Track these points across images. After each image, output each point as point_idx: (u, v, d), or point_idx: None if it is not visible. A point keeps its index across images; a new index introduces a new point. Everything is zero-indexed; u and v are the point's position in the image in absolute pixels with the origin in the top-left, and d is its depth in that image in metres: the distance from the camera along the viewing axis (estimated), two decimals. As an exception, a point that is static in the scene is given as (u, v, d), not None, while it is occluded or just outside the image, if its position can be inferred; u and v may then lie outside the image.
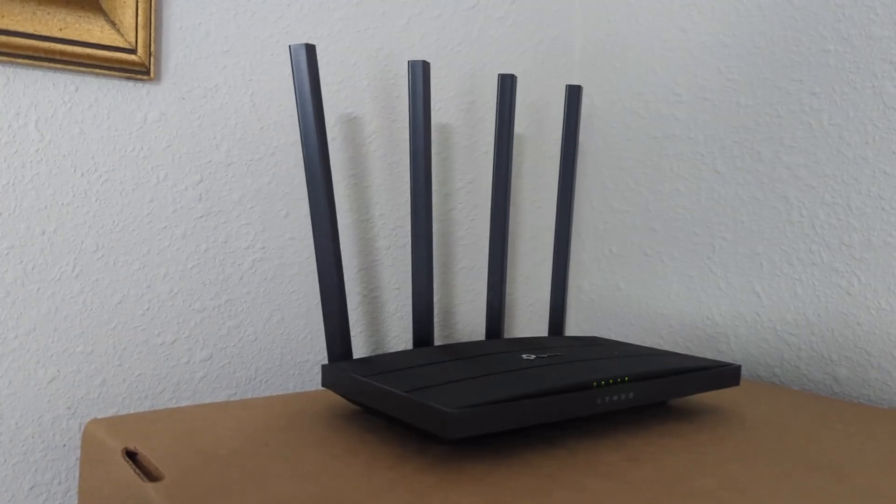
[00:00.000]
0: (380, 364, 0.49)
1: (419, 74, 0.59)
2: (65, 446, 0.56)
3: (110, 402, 0.58)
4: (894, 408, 0.58)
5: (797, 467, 0.41)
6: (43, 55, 0.52)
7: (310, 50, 0.51)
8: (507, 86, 0.64)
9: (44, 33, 0.52)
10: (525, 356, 0.51)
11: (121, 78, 0.57)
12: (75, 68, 0.54)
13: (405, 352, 0.53)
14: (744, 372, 0.68)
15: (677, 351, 0.74)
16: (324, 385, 0.50)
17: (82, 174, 0.56)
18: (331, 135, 0.67)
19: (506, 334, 0.82)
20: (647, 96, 0.76)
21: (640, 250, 0.77)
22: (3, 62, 0.52)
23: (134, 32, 0.55)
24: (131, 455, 0.42)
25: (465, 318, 0.78)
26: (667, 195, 0.74)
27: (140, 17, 0.55)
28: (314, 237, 0.52)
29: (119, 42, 0.55)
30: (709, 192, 0.71)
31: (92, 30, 0.54)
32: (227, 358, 0.63)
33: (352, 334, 0.70)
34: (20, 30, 0.51)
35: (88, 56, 0.54)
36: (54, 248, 0.55)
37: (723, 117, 0.69)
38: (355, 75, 0.68)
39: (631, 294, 0.78)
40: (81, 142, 0.55)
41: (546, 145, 0.83)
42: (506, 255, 0.65)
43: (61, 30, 0.52)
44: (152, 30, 0.56)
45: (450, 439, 0.41)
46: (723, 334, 0.70)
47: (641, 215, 0.77)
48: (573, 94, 0.68)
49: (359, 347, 0.71)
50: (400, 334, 0.73)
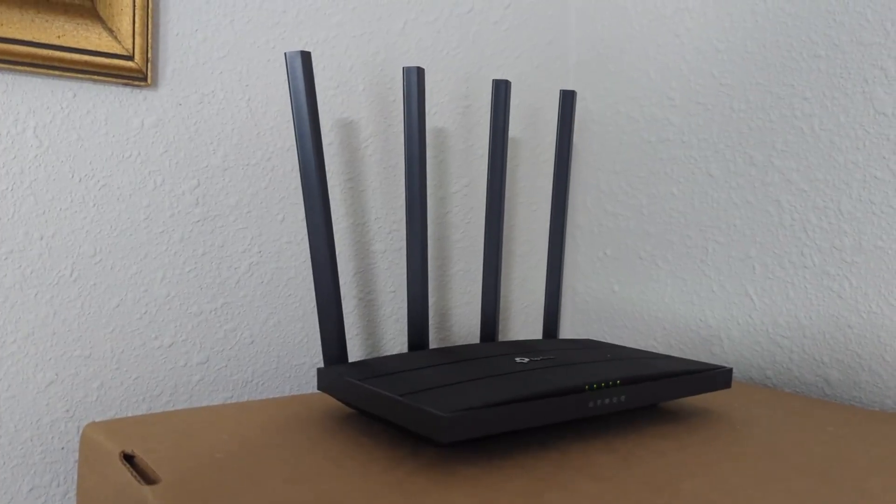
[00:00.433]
0: (375, 367, 0.49)
1: (414, 80, 0.59)
2: (63, 449, 0.57)
3: (108, 406, 0.59)
4: (885, 410, 0.58)
5: (788, 469, 0.41)
6: (41, 62, 0.53)
7: (305, 57, 0.51)
8: (501, 91, 0.64)
9: (42, 41, 0.52)
10: (518, 359, 0.52)
11: (118, 84, 0.57)
12: (73, 75, 0.54)
13: (400, 355, 0.54)
14: (736, 374, 0.69)
15: (671, 353, 0.75)
16: (319, 388, 0.50)
17: (80, 179, 0.56)
18: (327, 139, 0.68)
19: (501, 337, 0.83)
20: (641, 100, 0.77)
21: (634, 253, 0.78)
22: (2, 69, 0.53)
23: (131, 39, 0.56)
24: (129, 458, 0.42)
25: (460, 321, 0.79)
26: (661, 198, 0.75)
27: (137, 24, 0.56)
28: (310, 241, 0.53)
29: (116, 49, 0.55)
30: (702, 196, 0.71)
31: (90, 37, 0.54)
32: (224, 361, 0.64)
33: (347, 338, 0.71)
34: (19, 37, 0.51)
35: (86, 63, 0.54)
36: (52, 253, 0.55)
37: (716, 122, 0.70)
38: (351, 80, 0.69)
39: (625, 297, 0.79)
40: (79, 147, 0.56)
41: (541, 149, 0.83)
42: (501, 259, 0.66)
43: (59, 37, 0.53)
44: (149, 36, 0.57)
45: (444, 442, 0.41)
46: (716, 337, 0.70)
47: (635, 218, 0.78)
48: (567, 99, 0.69)
49: (354, 351, 0.71)
50: (395, 337, 0.74)
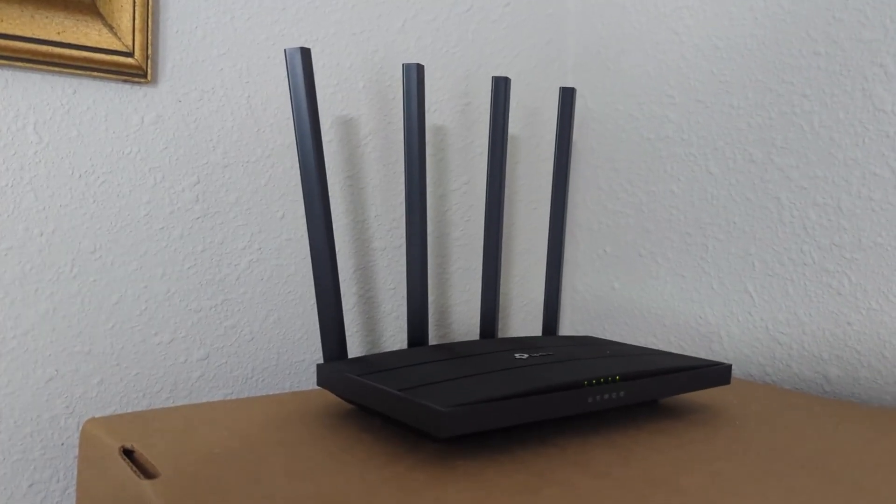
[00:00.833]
0: (375, 363, 0.49)
1: (413, 77, 0.59)
2: (63, 445, 0.57)
3: (108, 401, 0.59)
4: (884, 406, 0.58)
5: (787, 465, 0.41)
6: (41, 58, 0.53)
7: (305, 53, 0.51)
8: (500, 88, 0.64)
9: (42, 37, 0.52)
10: (518, 355, 0.52)
11: (118, 81, 0.57)
12: (73, 71, 0.54)
13: (400, 351, 0.54)
14: (736, 371, 0.69)
15: (671, 350, 0.75)
16: (319, 384, 0.50)
17: (80, 176, 0.56)
18: (326, 137, 0.68)
19: (500, 334, 0.83)
20: (641, 98, 0.77)
21: (633, 250, 0.78)
22: (2, 65, 0.53)
23: (131, 36, 0.56)
24: (128, 453, 0.42)
25: (459, 318, 0.79)
26: (660, 196, 0.75)
27: (137, 21, 0.56)
28: (310, 238, 0.53)
29: (116, 45, 0.55)
30: (701, 193, 0.71)
31: (90, 33, 0.54)
32: (224, 357, 0.64)
33: (347, 334, 0.71)
34: (18, 33, 0.52)
35: (86, 59, 0.54)
36: (52, 249, 0.55)
37: (715, 119, 0.70)
38: (351, 78, 0.69)
39: (625, 294, 0.79)
40: (79, 144, 0.56)
41: (540, 147, 0.83)
42: (500, 256, 0.66)
43: (59, 33, 0.53)
44: (149, 33, 0.57)
45: (443, 437, 0.41)
46: (715, 333, 0.70)
47: (635, 216, 0.78)
48: (567, 96, 0.69)
49: (354, 347, 0.71)
50: (395, 334, 0.74)
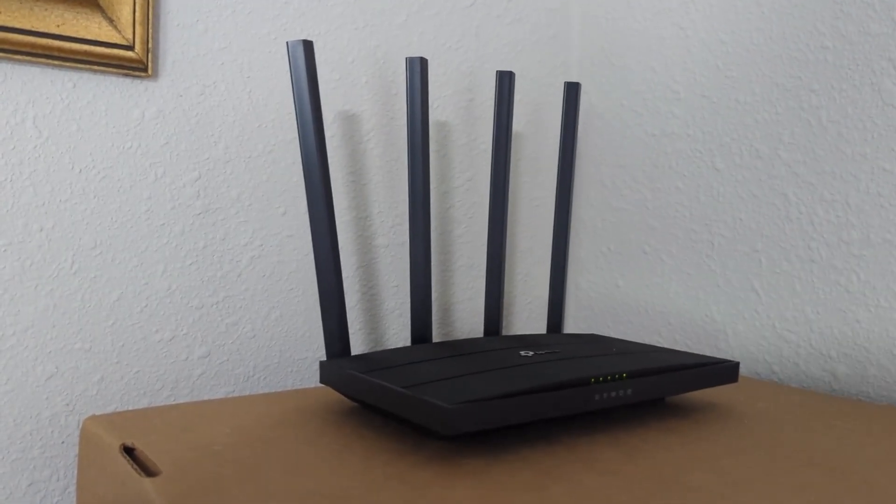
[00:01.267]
0: (378, 361, 0.49)
1: (417, 71, 0.59)
2: (63, 443, 0.56)
3: (108, 399, 0.58)
4: (893, 404, 0.58)
5: (794, 464, 0.41)
6: (41, 52, 0.52)
7: (307, 46, 0.51)
8: (505, 83, 0.64)
9: (41, 29, 0.52)
10: (523, 353, 0.51)
11: (118, 75, 0.57)
12: (73, 65, 0.54)
13: (403, 348, 0.53)
14: (742, 369, 0.68)
15: (676, 348, 0.74)
16: (322, 382, 0.50)
17: (80, 171, 0.56)
18: (329, 132, 0.67)
19: (504, 331, 0.82)
20: (646, 94, 0.76)
21: (638, 248, 0.77)
22: (1, 59, 0.52)
23: (132, 29, 0.55)
24: (129, 450, 0.42)
25: (463, 315, 0.78)
26: (665, 193, 0.74)
27: (138, 14, 0.55)
28: (312, 234, 0.52)
29: (117, 39, 0.55)
30: (707, 190, 0.71)
31: (90, 26, 0.54)
32: (226, 355, 0.63)
33: (350, 331, 0.70)
34: (18, 26, 0.51)
35: (86, 53, 0.54)
36: (52, 245, 0.55)
37: (721, 115, 0.69)
38: (353, 72, 0.68)
39: (629, 291, 0.79)
40: (79, 139, 0.55)
41: (544, 143, 0.83)
42: (504, 253, 0.65)
43: (59, 26, 0.52)
44: (150, 26, 0.56)
45: (447, 435, 0.41)
46: (721, 331, 0.70)
47: (640, 213, 0.77)
48: (572, 92, 0.68)
49: (357, 344, 0.71)
50: (398, 331, 0.73)
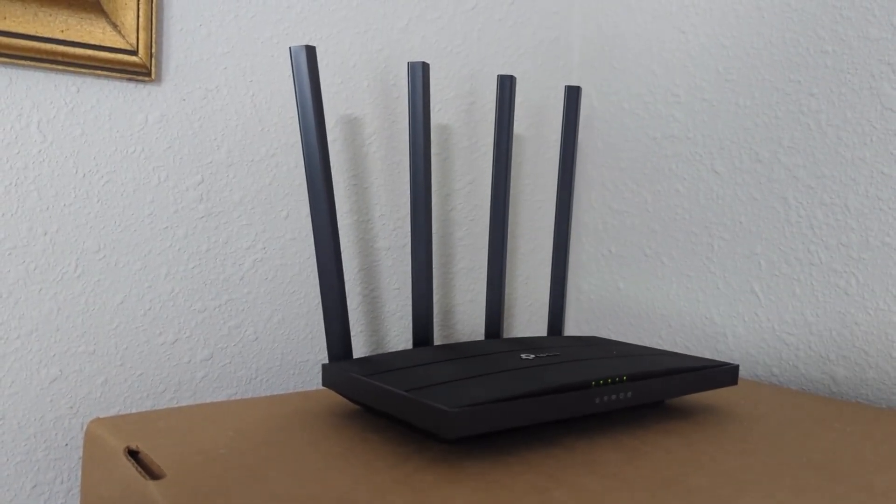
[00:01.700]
0: (380, 363, 0.49)
1: (419, 75, 0.59)
2: (67, 445, 0.57)
3: (112, 402, 0.58)
4: (892, 407, 0.58)
5: (794, 466, 0.41)
6: (45, 57, 0.52)
7: (310, 51, 0.51)
8: (506, 87, 0.64)
9: (46, 35, 0.52)
10: (524, 356, 0.51)
11: (122, 79, 0.57)
12: (77, 70, 0.54)
13: (405, 351, 0.54)
14: (742, 371, 0.68)
15: (676, 350, 0.74)
16: (324, 384, 0.50)
17: (84, 175, 0.56)
18: (331, 136, 0.68)
19: (505, 334, 0.82)
20: (646, 97, 0.76)
21: (639, 250, 0.78)
22: (5, 63, 0.52)
23: (135, 34, 0.56)
24: (133, 454, 0.42)
25: (464, 318, 0.78)
26: (666, 195, 0.75)
27: (141, 19, 0.56)
28: (314, 238, 0.52)
29: (120, 43, 0.55)
30: (707, 193, 0.71)
31: (93, 31, 0.54)
32: (228, 358, 0.64)
33: (352, 334, 0.70)
34: (22, 31, 0.51)
35: (90, 57, 0.54)
36: (56, 249, 0.55)
37: (721, 118, 0.70)
38: (355, 76, 0.68)
39: (630, 294, 0.79)
40: (83, 143, 0.56)
41: (545, 146, 0.83)
42: (505, 256, 0.66)
43: (63, 31, 0.53)
44: (153, 31, 0.57)
45: (449, 438, 0.41)
46: (721, 334, 0.70)
47: (640, 215, 0.77)
48: (572, 95, 0.68)
49: (359, 347, 0.71)
50: (400, 334, 0.73)
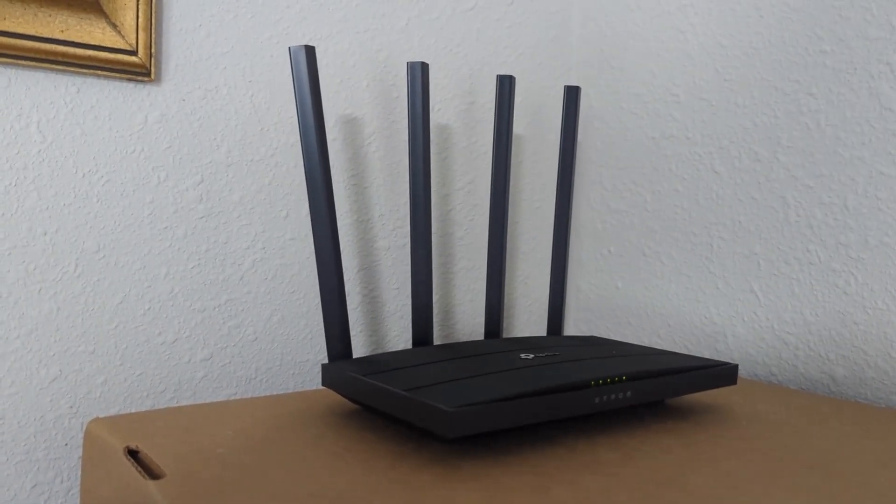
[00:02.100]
0: (379, 363, 0.49)
1: (418, 75, 0.59)
2: (67, 445, 0.57)
3: (112, 402, 0.58)
4: (891, 407, 0.58)
5: (793, 466, 0.41)
6: (44, 57, 0.53)
7: (309, 51, 0.51)
8: (505, 87, 0.64)
9: (45, 35, 0.52)
10: (523, 355, 0.51)
11: (122, 79, 0.57)
12: (77, 70, 0.54)
13: (404, 351, 0.54)
14: (741, 371, 0.68)
15: (675, 350, 0.74)
16: (324, 384, 0.50)
17: (84, 175, 0.56)
18: (330, 136, 0.68)
19: (505, 334, 0.82)
20: (645, 97, 0.76)
21: (638, 250, 0.78)
22: (5, 64, 0.52)
23: (135, 34, 0.56)
24: (133, 453, 0.42)
25: (464, 317, 0.78)
26: (665, 195, 0.75)
27: (141, 19, 0.56)
28: (314, 237, 0.53)
29: (120, 44, 0.55)
30: (707, 192, 0.71)
31: (93, 31, 0.54)
32: (228, 357, 0.64)
33: (351, 334, 0.70)
34: (22, 31, 0.51)
35: (90, 58, 0.54)
36: (56, 249, 0.55)
37: (720, 118, 0.70)
38: (355, 76, 0.69)
39: (629, 294, 0.79)
40: (83, 143, 0.56)
41: (544, 146, 0.83)
42: (504, 256, 0.66)
43: (63, 31, 0.53)
44: (153, 31, 0.57)
45: (449, 438, 0.41)
46: (721, 333, 0.70)
47: (640, 215, 0.77)
48: (571, 95, 0.68)
49: (358, 347, 0.71)
50: (399, 334, 0.73)
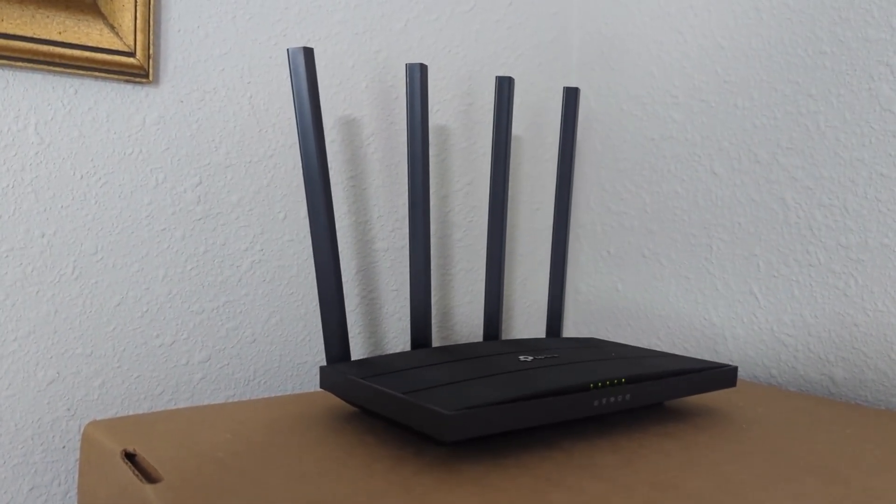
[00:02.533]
0: (378, 366, 0.49)
1: (417, 77, 0.59)
2: (64, 448, 0.56)
3: (109, 404, 0.58)
4: (891, 409, 0.58)
5: (793, 469, 0.41)
6: (42, 58, 0.52)
7: (307, 53, 0.51)
8: (504, 88, 0.64)
9: (43, 36, 0.52)
10: (522, 358, 0.51)
11: (120, 81, 0.57)
12: (74, 71, 0.54)
13: (403, 353, 0.54)
14: (741, 373, 0.68)
15: (675, 352, 0.74)
16: (322, 387, 0.50)
17: (81, 177, 0.56)
18: (328, 137, 0.67)
19: (504, 336, 0.82)
20: (644, 98, 0.76)
21: (637, 252, 0.78)
22: (3, 65, 0.52)
23: (133, 35, 0.55)
24: (130, 457, 0.42)
25: (462, 319, 0.78)
26: (664, 197, 0.75)
27: (139, 21, 0.56)
28: (312, 239, 0.52)
29: (118, 45, 0.55)
30: (706, 194, 0.71)
31: (91, 33, 0.54)
32: (226, 359, 0.63)
33: (350, 336, 0.70)
34: (19, 33, 0.51)
35: (87, 59, 0.54)
36: (54, 251, 0.55)
37: (720, 119, 0.70)
38: (353, 77, 0.68)
39: (628, 295, 0.79)
40: (81, 144, 0.56)
41: (544, 147, 0.83)
42: (503, 257, 0.65)
43: (60, 33, 0.53)
44: (151, 33, 0.57)
45: (448, 441, 0.41)
46: (720, 335, 0.70)
47: (639, 217, 0.77)
48: (571, 96, 0.68)
49: (357, 349, 0.71)
50: (398, 336, 0.73)
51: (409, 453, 0.42)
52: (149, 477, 0.38)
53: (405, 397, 0.41)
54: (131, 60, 0.56)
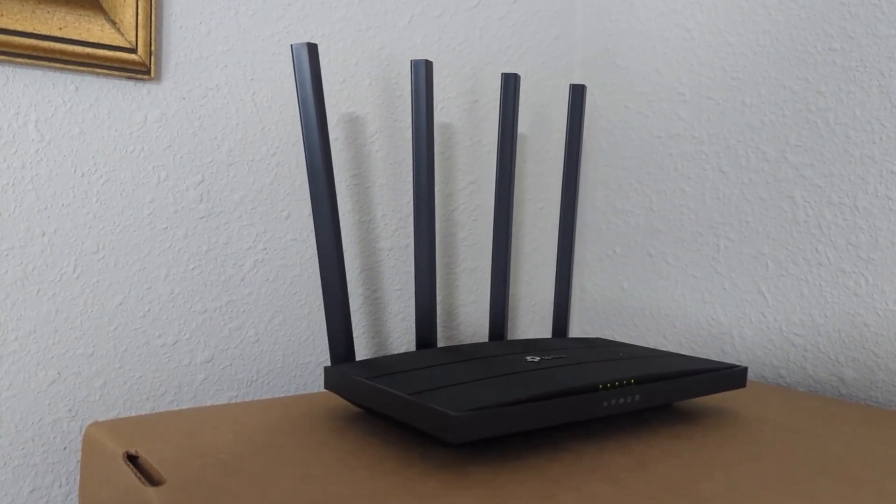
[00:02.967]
0: (383, 366, 0.48)
1: (422, 73, 0.58)
2: (65, 449, 0.56)
3: (111, 405, 0.58)
4: (902, 409, 0.57)
5: (804, 470, 0.40)
6: (43, 55, 0.52)
7: (312, 49, 0.50)
8: (510, 85, 0.63)
9: (43, 32, 0.51)
10: (529, 358, 0.51)
11: (121, 77, 0.56)
12: (75, 68, 0.53)
13: (408, 354, 0.53)
14: (749, 373, 0.68)
15: (682, 352, 0.74)
16: (326, 387, 0.49)
17: (82, 174, 0.55)
18: (333, 134, 0.67)
19: (509, 336, 0.82)
20: (650, 96, 0.76)
21: (643, 251, 0.77)
22: (3, 62, 0.52)
23: (134, 31, 0.55)
24: (132, 458, 0.41)
25: (467, 319, 0.78)
26: (671, 195, 0.74)
27: (140, 16, 0.55)
28: (316, 238, 0.52)
29: (119, 41, 0.54)
30: (713, 192, 0.70)
31: (92, 29, 0.53)
32: (229, 360, 0.63)
33: (354, 336, 0.70)
34: (19, 29, 0.51)
35: (88, 55, 0.53)
36: (54, 250, 0.55)
37: (727, 116, 0.69)
38: (357, 75, 0.68)
39: (635, 295, 0.78)
40: (81, 142, 0.55)
41: (549, 145, 0.82)
42: (509, 256, 0.65)
43: (61, 29, 0.52)
44: (153, 29, 0.56)
45: (454, 443, 0.40)
46: (728, 335, 0.69)
47: (645, 215, 0.77)
48: (577, 94, 0.68)
49: (361, 349, 0.70)
50: (402, 336, 0.73)
51: (415, 455, 0.41)
52: (151, 479, 0.38)
53: (411, 398, 0.40)
54: (133, 57, 0.55)
